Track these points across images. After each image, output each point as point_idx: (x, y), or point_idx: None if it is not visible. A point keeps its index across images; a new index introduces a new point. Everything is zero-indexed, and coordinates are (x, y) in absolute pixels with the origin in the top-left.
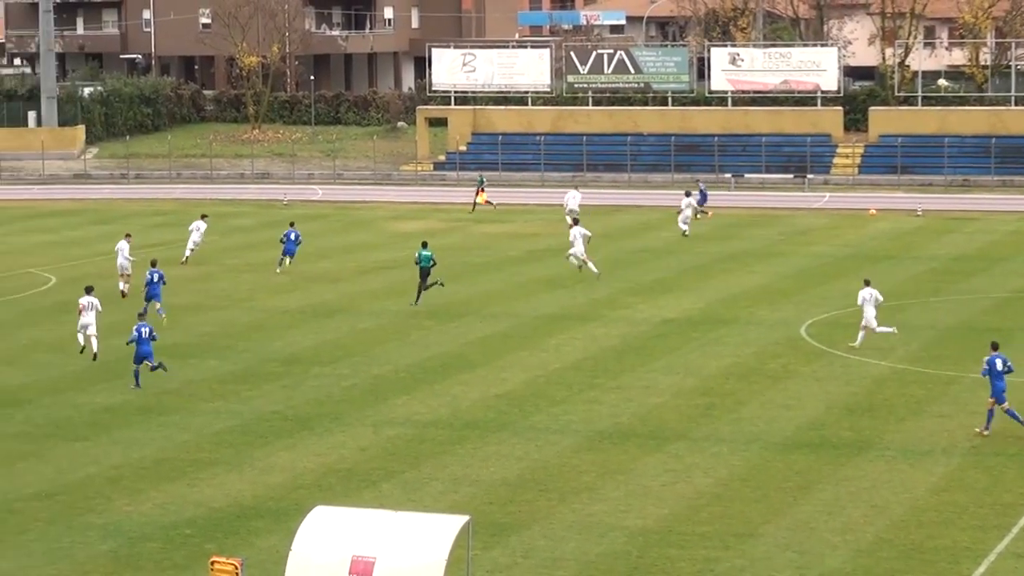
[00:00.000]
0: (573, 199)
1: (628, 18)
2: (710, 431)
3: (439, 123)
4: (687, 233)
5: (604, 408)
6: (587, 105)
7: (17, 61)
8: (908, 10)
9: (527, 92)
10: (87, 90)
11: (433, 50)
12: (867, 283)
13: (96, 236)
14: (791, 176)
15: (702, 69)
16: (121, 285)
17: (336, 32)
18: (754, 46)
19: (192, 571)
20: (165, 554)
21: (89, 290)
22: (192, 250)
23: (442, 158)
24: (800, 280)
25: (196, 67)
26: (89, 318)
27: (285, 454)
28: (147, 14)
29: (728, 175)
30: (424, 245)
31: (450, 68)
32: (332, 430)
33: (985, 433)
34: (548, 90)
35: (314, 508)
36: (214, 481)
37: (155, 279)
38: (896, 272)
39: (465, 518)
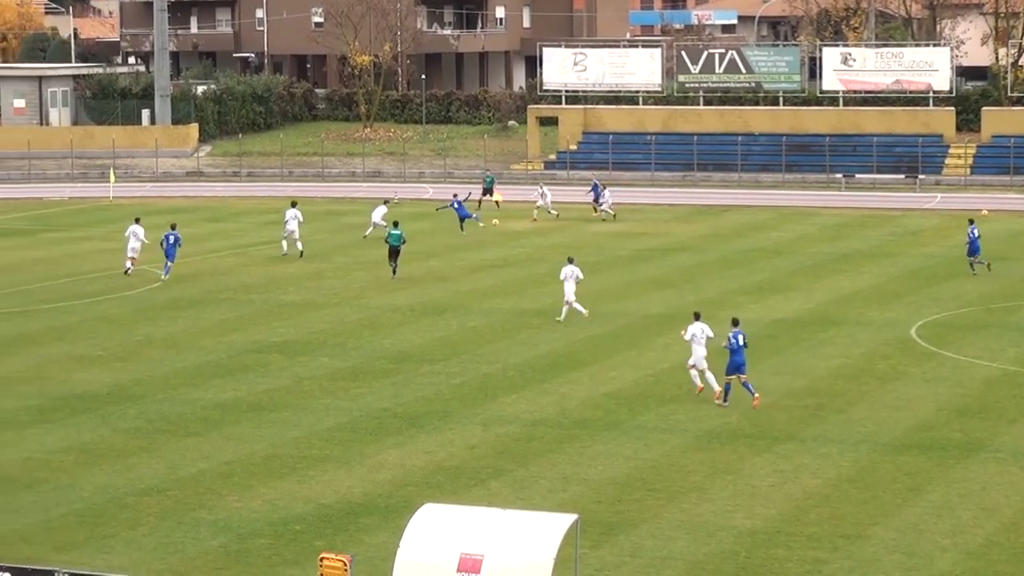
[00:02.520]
0: (547, 195)
1: (740, 17)
2: (819, 432)
3: (550, 122)
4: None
5: (713, 408)
6: (698, 105)
7: (132, 60)
8: (1022, 10)
9: (638, 91)
10: (200, 88)
11: (544, 49)
12: (571, 260)
13: (208, 233)
14: (902, 176)
15: (813, 69)
16: (127, 264)
17: (448, 31)
18: (866, 46)
19: (301, 567)
20: (274, 550)
21: None
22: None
23: (552, 157)
24: (911, 281)
25: (308, 66)
26: None
27: (394, 451)
28: (260, 13)
29: (839, 175)
30: (395, 224)
31: (561, 67)
32: (441, 428)
33: (725, 405)
34: (659, 89)
35: (423, 505)
36: (324, 478)
37: (172, 240)
38: (1009, 273)
39: (573, 516)
